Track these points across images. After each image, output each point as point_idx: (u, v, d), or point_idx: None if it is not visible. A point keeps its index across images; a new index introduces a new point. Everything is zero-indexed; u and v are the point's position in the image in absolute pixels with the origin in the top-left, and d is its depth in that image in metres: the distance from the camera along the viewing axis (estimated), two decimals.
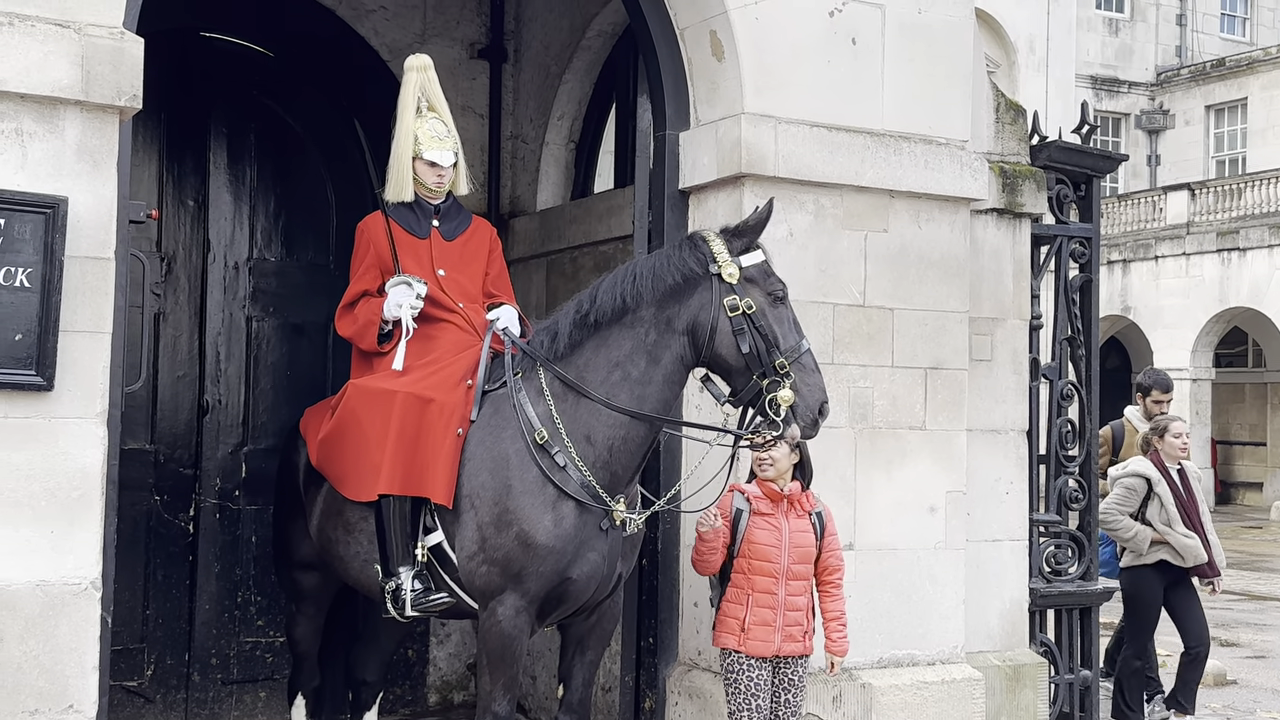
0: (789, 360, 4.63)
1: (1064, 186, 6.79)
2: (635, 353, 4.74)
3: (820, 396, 4.67)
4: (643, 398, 4.74)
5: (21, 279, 4.28)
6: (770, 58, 5.72)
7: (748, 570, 5.06)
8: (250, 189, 7.34)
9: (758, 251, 4.81)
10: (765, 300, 4.71)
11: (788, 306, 4.77)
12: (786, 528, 5.09)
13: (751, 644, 5.04)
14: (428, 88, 5.45)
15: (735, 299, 4.67)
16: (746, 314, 4.66)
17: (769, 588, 5.05)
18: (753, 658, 5.04)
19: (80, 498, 4.44)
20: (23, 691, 4.36)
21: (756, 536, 5.06)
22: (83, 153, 4.46)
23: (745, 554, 5.06)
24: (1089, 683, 6.77)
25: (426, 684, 7.68)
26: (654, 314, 4.75)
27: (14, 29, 4.35)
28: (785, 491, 5.10)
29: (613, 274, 4.93)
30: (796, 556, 5.09)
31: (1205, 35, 33.66)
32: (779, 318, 4.71)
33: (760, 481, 5.13)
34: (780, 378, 4.62)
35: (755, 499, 5.09)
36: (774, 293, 4.74)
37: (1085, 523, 6.85)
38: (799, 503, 5.15)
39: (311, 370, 7.36)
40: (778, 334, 4.67)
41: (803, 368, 4.65)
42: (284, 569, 5.94)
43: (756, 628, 5.04)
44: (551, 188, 7.95)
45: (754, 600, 5.05)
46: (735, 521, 5.06)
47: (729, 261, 4.71)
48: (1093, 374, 6.83)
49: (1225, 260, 26.58)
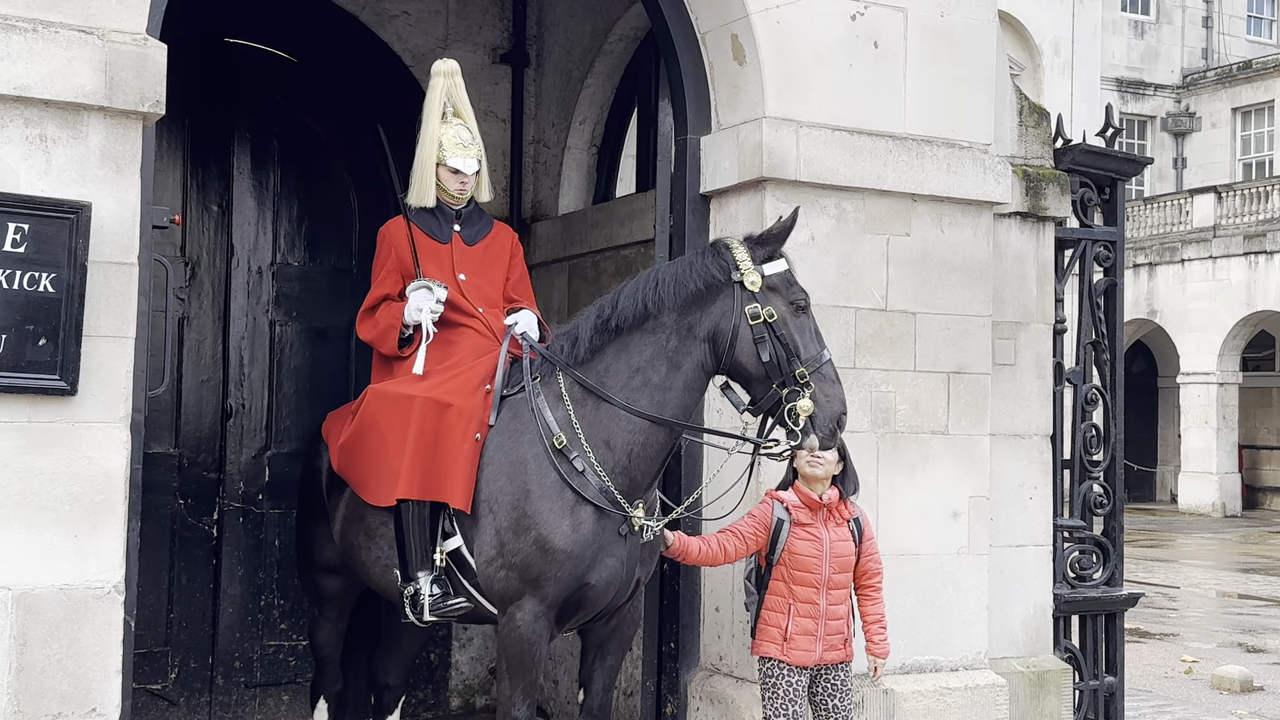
0: (809, 370, 4.61)
1: (1088, 190, 6.76)
2: (656, 359, 4.74)
3: (839, 409, 4.65)
4: (663, 403, 4.73)
5: (45, 284, 4.31)
6: (792, 61, 5.71)
7: (788, 580, 5.02)
8: (274, 194, 7.38)
9: (780, 260, 4.79)
10: (787, 309, 4.70)
11: (809, 316, 4.75)
12: (827, 537, 5.04)
13: (794, 653, 5.00)
14: (454, 93, 5.46)
15: (757, 307, 4.66)
16: (768, 323, 4.65)
17: (811, 598, 5.01)
18: (793, 666, 5.01)
19: (103, 502, 4.46)
20: (46, 695, 4.38)
21: (797, 547, 5.01)
22: (106, 159, 4.48)
23: (785, 563, 5.02)
24: (1114, 689, 6.72)
25: (449, 688, 7.69)
26: (675, 320, 4.74)
27: (38, 35, 4.38)
28: (824, 500, 5.06)
29: (635, 280, 4.92)
30: (837, 566, 5.05)
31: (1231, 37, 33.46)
32: (800, 327, 4.69)
33: (799, 489, 5.08)
34: (800, 387, 4.60)
35: (795, 509, 5.04)
36: (796, 302, 4.72)
37: (1110, 528, 6.80)
38: (838, 511, 5.10)
39: (334, 374, 7.39)
40: (799, 343, 4.65)
41: (823, 378, 4.64)
42: (307, 573, 5.95)
43: (799, 637, 5.00)
44: (573, 192, 7.95)
45: (795, 610, 5.01)
46: (775, 532, 5.01)
47: (751, 270, 4.70)
48: (1117, 378, 6.79)
49: (1252, 263, 26.42)
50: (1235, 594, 15.46)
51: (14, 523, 4.35)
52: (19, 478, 4.36)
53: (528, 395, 4.87)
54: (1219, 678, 9.46)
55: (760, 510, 5.06)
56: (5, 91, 4.32)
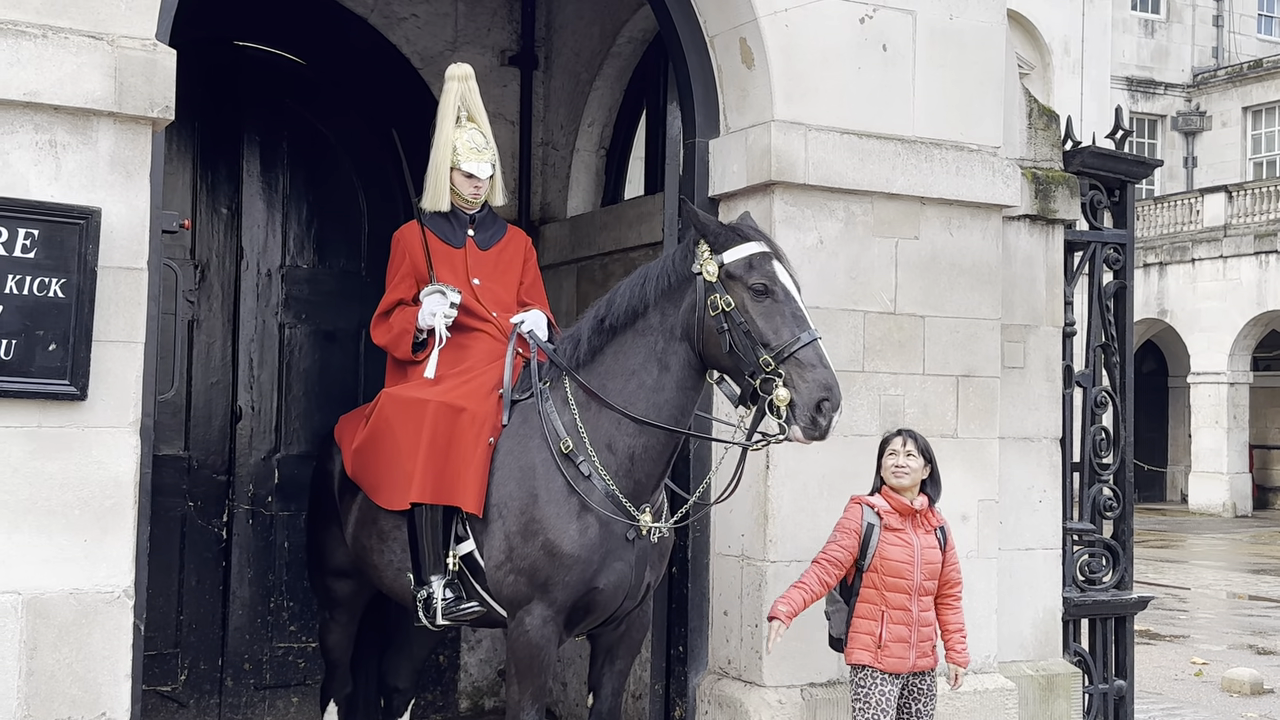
0: (779, 357, 4.39)
1: (1098, 192, 6.74)
2: (648, 360, 4.71)
3: (818, 394, 4.36)
4: (659, 405, 4.69)
5: (55, 289, 4.32)
6: (800, 65, 5.70)
7: (880, 586, 4.97)
8: (283, 196, 7.39)
9: (744, 245, 4.59)
10: (747, 295, 4.50)
11: (781, 300, 4.50)
12: (918, 544, 5.01)
13: (888, 660, 4.96)
14: (468, 98, 5.46)
15: (716, 297, 4.53)
16: (725, 312, 4.51)
17: (903, 604, 4.97)
18: (886, 673, 4.98)
19: (113, 506, 4.47)
20: (56, 699, 4.39)
21: (889, 553, 4.97)
22: (116, 164, 4.49)
23: (877, 569, 4.97)
24: (1123, 693, 6.71)
25: (458, 690, 7.70)
26: (660, 320, 4.70)
27: (47, 41, 4.39)
28: (916, 506, 5.01)
29: (629, 278, 4.90)
30: (927, 573, 5.02)
31: (1242, 36, 33.37)
32: (766, 312, 4.47)
33: (888, 494, 5.04)
34: (772, 375, 4.42)
35: (885, 513, 5.00)
36: (754, 286, 4.50)
37: (1119, 531, 6.79)
38: (926, 518, 5.07)
39: (343, 377, 7.40)
40: (763, 330, 4.45)
41: (799, 362, 4.39)
42: (318, 576, 5.96)
43: (893, 644, 4.97)
44: (582, 194, 7.95)
45: (889, 617, 4.96)
46: (866, 537, 4.97)
47: (710, 259, 4.57)
48: (1127, 381, 6.78)
49: (1263, 263, 26.34)
50: (1246, 595, 15.42)
51: (24, 527, 4.36)
52: (29, 482, 4.37)
53: (536, 399, 4.87)
54: (1229, 680, 9.44)
55: (849, 518, 5.00)
56: (15, 97, 4.33)
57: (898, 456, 5.12)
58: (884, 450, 5.19)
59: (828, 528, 5.64)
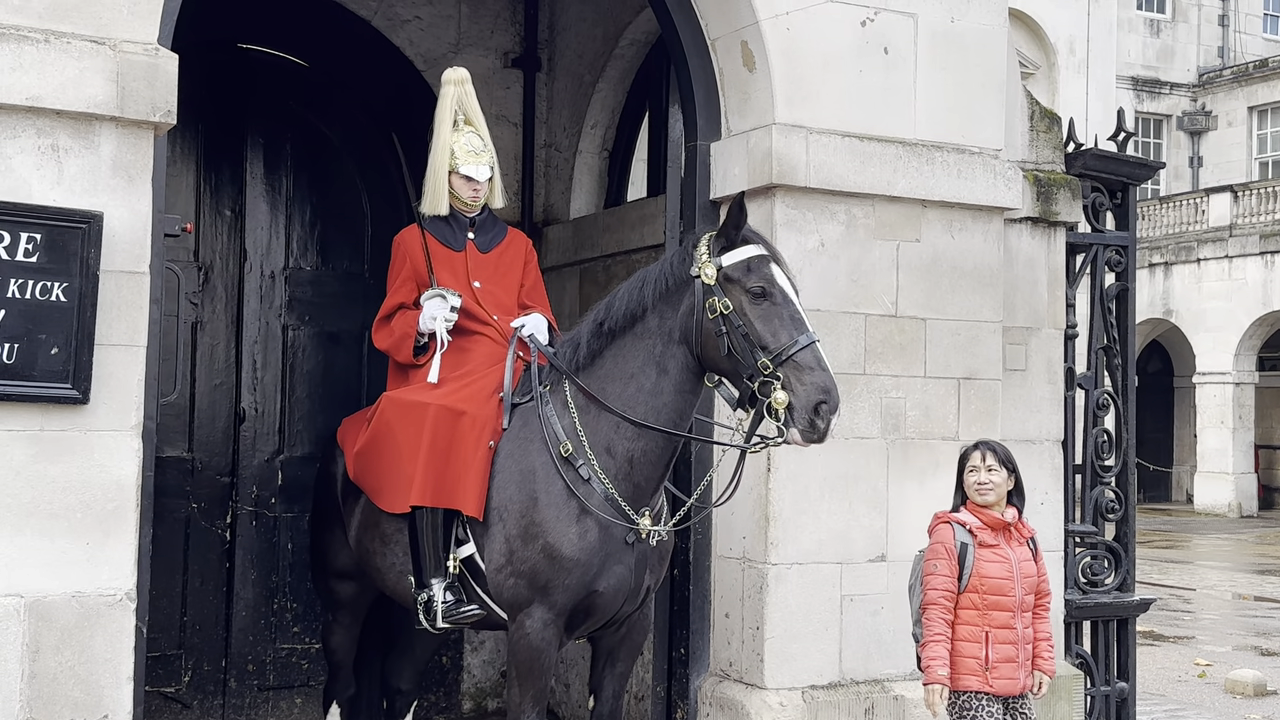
0: (776, 360, 4.37)
1: (1100, 194, 6.74)
2: (646, 364, 4.70)
3: (816, 396, 4.32)
4: (658, 409, 4.68)
5: (58, 293, 4.33)
6: (801, 68, 5.71)
7: (981, 606, 4.78)
8: (286, 199, 7.41)
9: (742, 248, 4.57)
10: (745, 298, 4.48)
11: (778, 302, 4.48)
12: (1014, 557, 4.84)
13: (999, 683, 4.76)
14: (465, 101, 5.48)
15: (714, 300, 4.53)
16: (724, 315, 4.50)
17: (1007, 622, 4.78)
18: (995, 696, 4.77)
19: (115, 510, 4.49)
20: (58, 702, 4.41)
21: (988, 570, 4.79)
22: (118, 168, 4.51)
23: (976, 589, 4.78)
24: (1125, 695, 6.71)
25: (460, 691, 7.71)
26: (658, 323, 4.69)
27: (50, 46, 4.40)
28: (1007, 519, 4.86)
29: (628, 281, 4.90)
30: (1027, 587, 4.84)
31: (1248, 35, 33.32)
32: (764, 315, 4.46)
33: (975, 509, 4.88)
34: (770, 378, 4.40)
35: (977, 530, 4.83)
36: (753, 290, 4.48)
37: (1121, 533, 6.79)
38: (1018, 529, 4.91)
39: (347, 379, 7.42)
40: (761, 333, 4.43)
41: (797, 365, 4.37)
42: (321, 579, 5.97)
43: (1002, 665, 4.77)
44: (585, 196, 7.96)
45: (993, 637, 4.77)
46: (960, 557, 4.79)
47: (707, 262, 4.56)
48: (1129, 383, 6.77)
49: (1269, 263, 26.30)
50: (1251, 596, 15.40)
51: (26, 530, 4.38)
52: (31, 486, 4.39)
53: (536, 403, 4.88)
54: (1232, 682, 9.43)
55: (941, 542, 4.82)
56: (18, 102, 4.35)
57: (979, 473, 4.92)
58: (964, 466, 4.98)
59: (829, 530, 5.67)
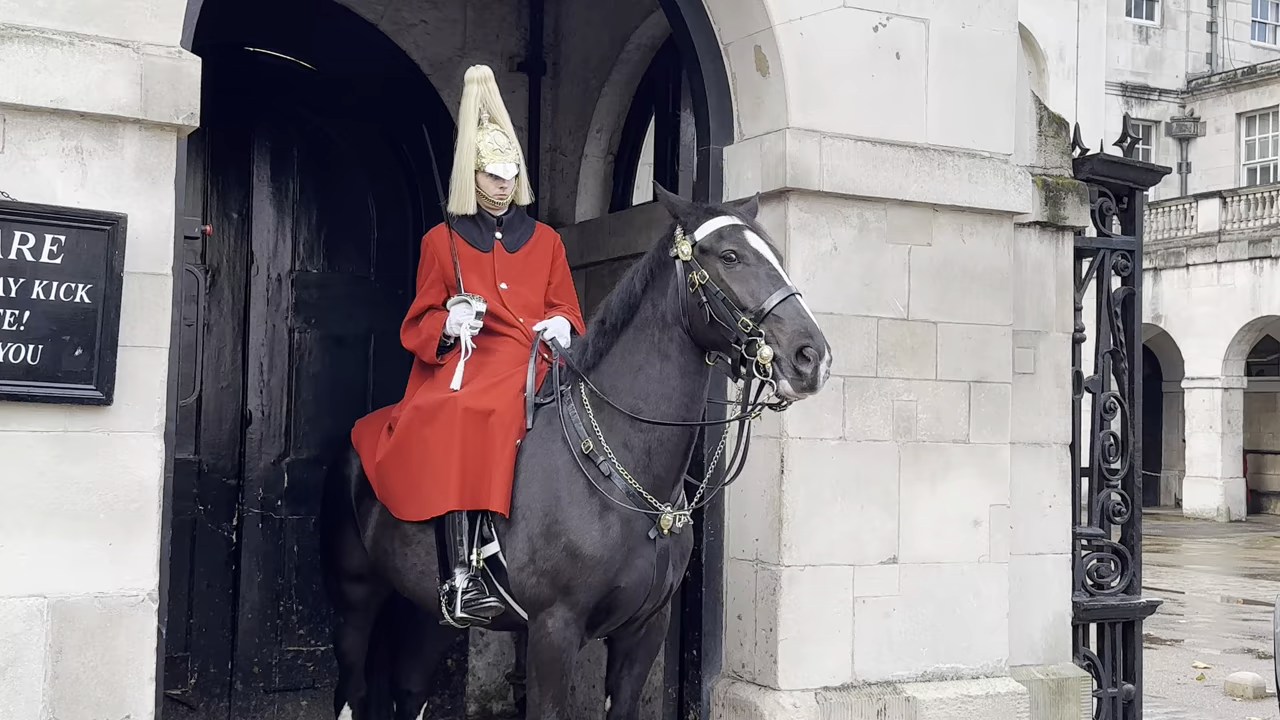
0: (757, 318, 4.35)
1: (1106, 199, 6.79)
2: (650, 353, 4.73)
3: (799, 341, 4.26)
4: (668, 395, 4.69)
5: (82, 295, 4.34)
6: (815, 72, 5.74)
7: None
8: (293, 202, 7.41)
9: (713, 219, 4.58)
10: (720, 265, 4.47)
11: (751, 263, 4.45)
12: None
13: None
14: (489, 99, 5.49)
15: (693, 275, 4.54)
16: (702, 286, 4.51)
17: None
18: None
19: (138, 510, 4.50)
20: (80, 703, 4.41)
21: None
22: (141, 170, 4.51)
23: None
24: (1131, 696, 6.75)
25: (465, 693, 7.71)
26: (652, 311, 4.72)
27: (74, 48, 4.41)
28: None
29: (625, 276, 4.93)
30: None
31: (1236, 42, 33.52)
32: (738, 276, 4.44)
33: None
34: (753, 336, 4.34)
35: None
36: (725, 254, 4.47)
37: (1128, 536, 6.83)
38: None
39: (353, 381, 7.41)
40: (739, 294, 4.41)
41: (777, 319, 4.33)
42: (333, 581, 5.97)
43: None
44: (590, 200, 7.98)
45: None
46: None
47: (683, 239, 4.58)
48: (1136, 387, 6.82)
49: (1257, 268, 26.47)
50: (1242, 599, 15.48)
51: (50, 531, 4.38)
52: (55, 487, 4.39)
53: (558, 403, 4.91)
54: (1232, 684, 9.49)
55: None
56: (42, 104, 4.35)
57: None
58: None
59: (841, 532, 5.71)
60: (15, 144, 4.36)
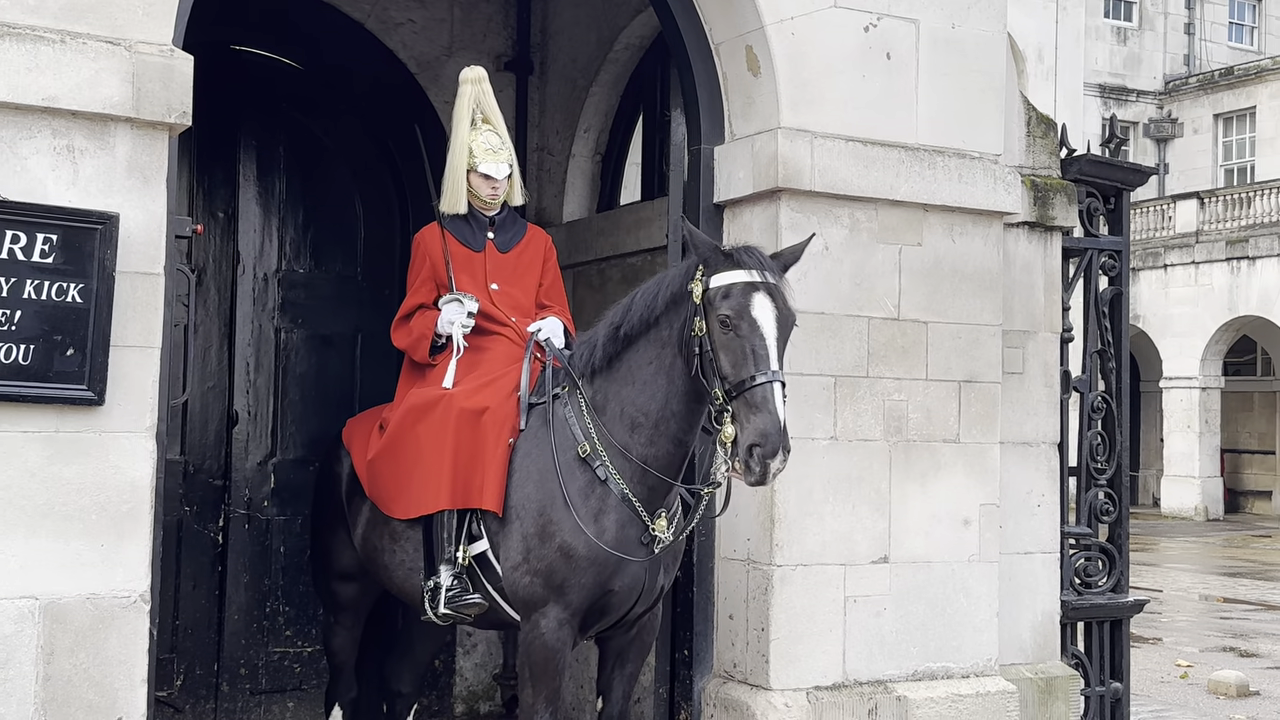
0: (731, 393, 4.32)
1: (1094, 199, 6.81)
2: (658, 372, 4.68)
3: (750, 438, 4.23)
4: (667, 418, 4.66)
5: (74, 294, 4.31)
6: (806, 72, 5.75)
7: None
8: (279, 201, 7.38)
9: (730, 272, 4.45)
10: (716, 324, 4.41)
11: (743, 334, 4.36)
12: None
13: None
14: (482, 100, 5.49)
15: (698, 320, 4.48)
16: (698, 336, 4.47)
17: None
18: None
19: (130, 511, 4.47)
20: (72, 704, 4.39)
21: None
22: (133, 169, 4.49)
23: None
24: (1119, 695, 6.78)
25: (453, 694, 7.70)
26: (668, 331, 4.65)
27: (65, 46, 4.38)
28: None
29: (648, 283, 4.88)
30: None
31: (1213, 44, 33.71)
32: (727, 344, 4.37)
33: None
34: (723, 410, 4.35)
35: None
36: (721, 317, 4.39)
37: (1115, 535, 6.86)
38: None
39: (340, 381, 7.40)
40: (722, 363, 4.37)
41: (748, 402, 4.27)
42: (323, 580, 5.95)
43: None
44: (578, 200, 7.97)
45: None
46: None
47: (698, 281, 4.52)
48: (1123, 387, 6.84)
49: (1234, 269, 26.63)
50: (1221, 598, 15.57)
51: (41, 532, 4.36)
52: (46, 488, 4.36)
53: (556, 404, 4.90)
54: (1215, 682, 9.54)
55: None
56: (34, 102, 4.32)
57: None
58: None
59: (833, 531, 5.71)
60: (6, 142, 4.33)
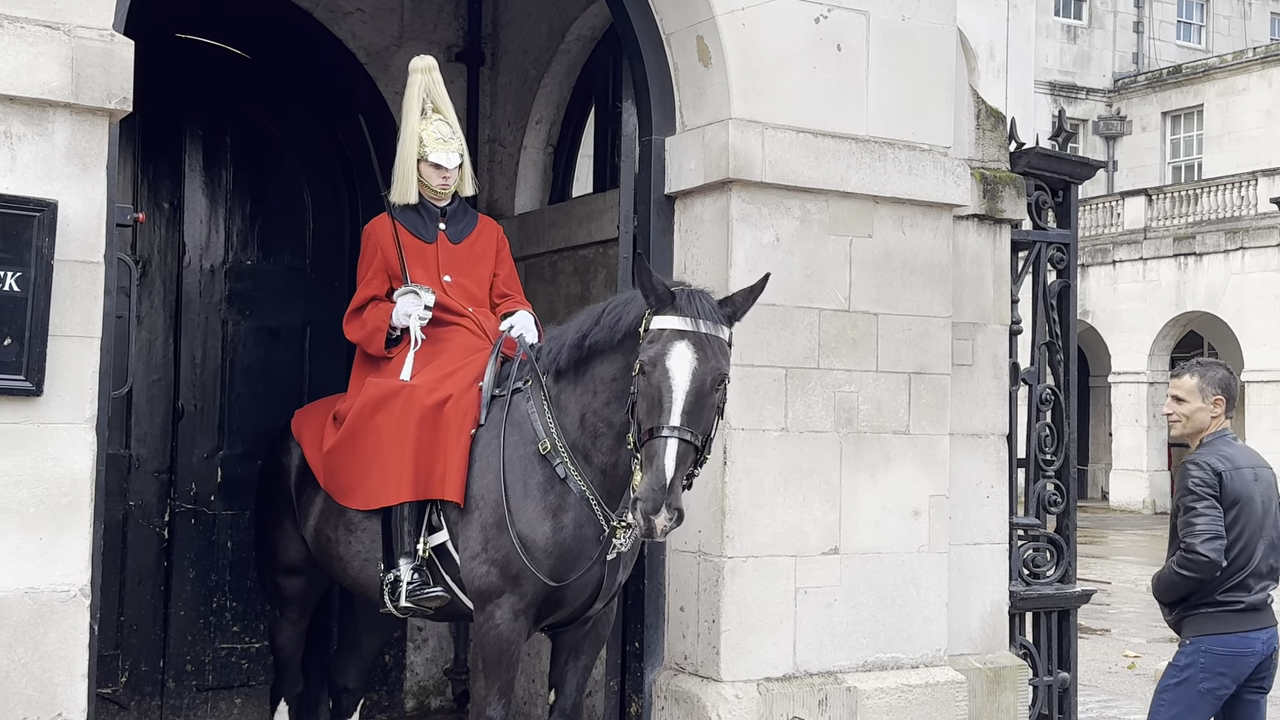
0: (639, 441, 4.33)
1: (1043, 192, 6.84)
2: (622, 390, 4.57)
3: (636, 493, 4.25)
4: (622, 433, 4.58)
5: (11, 283, 4.22)
6: (757, 63, 5.73)
7: None
8: (226, 192, 7.30)
9: (666, 318, 4.40)
10: (640, 368, 4.39)
11: (655, 382, 4.32)
12: None
13: None
14: (432, 89, 5.45)
15: (639, 357, 4.41)
16: (634, 375, 4.43)
17: None
18: None
19: (69, 504, 4.39)
20: (12, 700, 4.31)
21: None
22: (72, 156, 4.41)
23: None
24: (1067, 685, 6.82)
25: (404, 689, 7.65)
26: (628, 356, 4.53)
27: (3, 30, 4.29)
28: None
29: (622, 295, 4.83)
30: None
31: (1162, 43, 34.08)
32: (644, 391, 4.34)
33: None
34: (637, 454, 4.36)
35: None
36: (642, 363, 4.37)
37: (1062, 526, 6.90)
38: None
39: (288, 374, 7.32)
40: (639, 407, 4.36)
41: (647, 454, 4.28)
42: (268, 574, 5.89)
43: None
44: (529, 191, 7.93)
45: None
46: None
47: (649, 315, 4.47)
48: (1071, 379, 6.88)
49: (1182, 265, 26.92)
50: None
51: None
52: None
53: (518, 397, 4.86)
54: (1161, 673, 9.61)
55: None
56: None
57: None
58: None
59: (784, 523, 5.71)
60: None
